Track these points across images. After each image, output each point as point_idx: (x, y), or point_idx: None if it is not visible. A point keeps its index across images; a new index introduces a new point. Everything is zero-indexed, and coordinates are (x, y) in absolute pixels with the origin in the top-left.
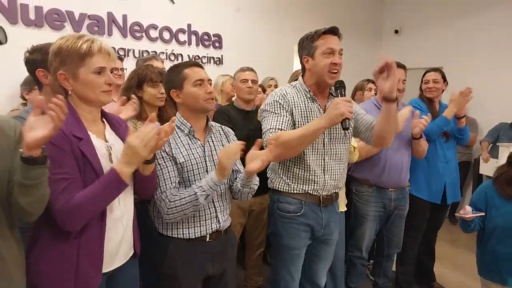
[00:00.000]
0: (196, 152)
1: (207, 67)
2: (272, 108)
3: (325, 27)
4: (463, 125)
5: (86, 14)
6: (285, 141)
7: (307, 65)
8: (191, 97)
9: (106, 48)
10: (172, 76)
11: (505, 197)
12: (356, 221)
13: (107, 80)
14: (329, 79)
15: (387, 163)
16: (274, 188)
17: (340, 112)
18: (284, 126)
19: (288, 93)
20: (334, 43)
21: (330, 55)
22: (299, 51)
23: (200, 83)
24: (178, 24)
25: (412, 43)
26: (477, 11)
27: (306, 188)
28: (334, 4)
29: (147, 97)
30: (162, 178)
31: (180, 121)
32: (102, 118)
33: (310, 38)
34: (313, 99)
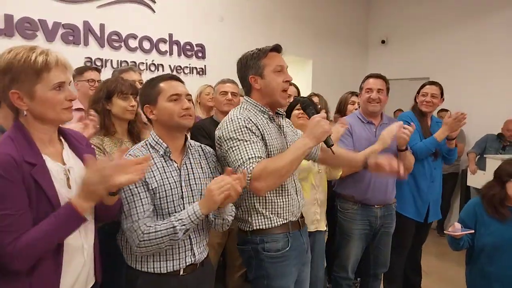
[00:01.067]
0: (171, 176)
1: (189, 78)
2: (239, 135)
3: (268, 46)
4: (453, 146)
5: (60, 23)
6: (275, 170)
7: (256, 85)
8: (166, 113)
9: (62, 60)
10: (146, 90)
11: (499, 219)
12: (341, 240)
13: (68, 96)
14: (282, 99)
15: (372, 178)
16: (254, 229)
17: (325, 129)
18: (262, 153)
19: (251, 117)
20: (282, 60)
21: (281, 73)
22: (242, 70)
23: (176, 98)
24: (159, 33)
25: (398, 53)
26: (464, 23)
27: (288, 216)
28: (320, 15)
29: (116, 110)
30: (134, 206)
31: (155, 140)
32: (60, 137)
33: (255, 57)
34: (271, 118)
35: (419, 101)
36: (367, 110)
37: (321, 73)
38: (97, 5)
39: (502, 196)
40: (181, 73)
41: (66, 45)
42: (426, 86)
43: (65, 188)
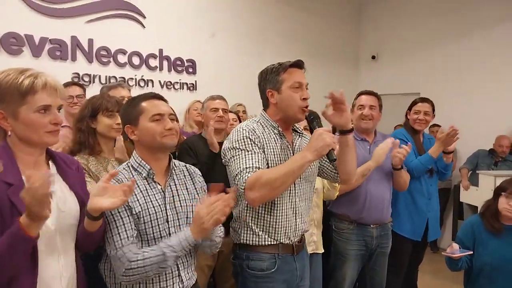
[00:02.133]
0: (155, 199)
1: (180, 93)
2: (241, 145)
3: (290, 60)
4: (450, 160)
5: (47, 38)
6: (269, 181)
7: (272, 99)
8: (148, 134)
9: (52, 84)
10: (127, 110)
11: (493, 232)
12: (336, 260)
13: (53, 120)
14: (300, 114)
15: (367, 197)
16: (241, 243)
17: (327, 143)
18: (261, 164)
19: (256, 129)
20: (301, 76)
21: (299, 89)
22: (261, 84)
23: (159, 118)
24: (149, 49)
25: (388, 69)
26: (454, 39)
27: (279, 237)
28: (312, 30)
29: (101, 128)
30: (117, 232)
31: (137, 162)
32: (49, 160)
33: (275, 71)
34: (281, 135)
35: (412, 119)
36: (360, 127)
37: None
38: (85, 20)
39: (494, 208)
40: (171, 88)
41: (53, 60)
42: (418, 103)
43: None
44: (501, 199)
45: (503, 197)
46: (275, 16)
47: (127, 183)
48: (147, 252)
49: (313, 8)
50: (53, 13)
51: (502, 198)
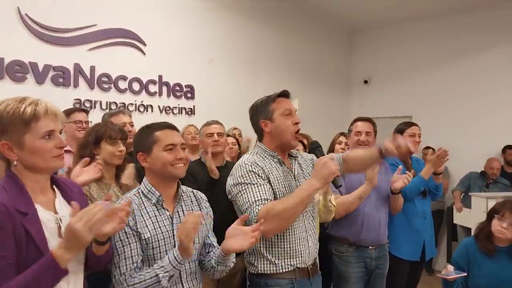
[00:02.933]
0: (164, 225)
1: (178, 118)
2: (246, 179)
3: (276, 92)
4: (440, 181)
5: (51, 65)
6: (280, 212)
7: (267, 128)
8: (159, 162)
9: (53, 109)
10: (141, 138)
11: (487, 253)
12: (339, 283)
13: (58, 144)
14: (294, 140)
15: (365, 219)
16: (259, 273)
17: (332, 170)
18: (269, 195)
19: (258, 161)
20: (290, 104)
21: (289, 116)
22: (254, 117)
23: (172, 147)
24: (148, 75)
25: (380, 93)
26: (443, 64)
27: (295, 262)
28: (305, 56)
29: (104, 154)
30: (123, 257)
31: (147, 189)
32: (53, 186)
33: (264, 103)
34: (281, 162)
35: None
36: None
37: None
38: (88, 48)
39: (487, 230)
40: (170, 113)
41: (56, 87)
42: (412, 127)
43: (55, 237)
44: (494, 221)
45: (496, 219)
46: (270, 42)
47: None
48: (142, 275)
49: (306, 35)
50: (57, 41)
51: (495, 220)
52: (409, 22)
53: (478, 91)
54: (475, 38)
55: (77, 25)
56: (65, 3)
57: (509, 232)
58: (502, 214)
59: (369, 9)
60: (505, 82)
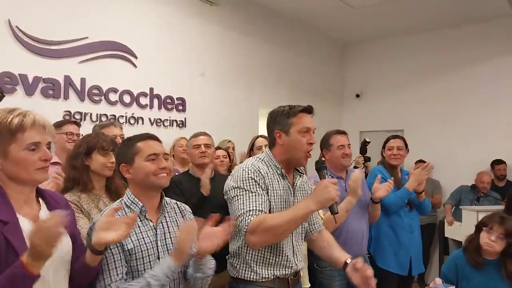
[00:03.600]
0: (147, 236)
1: (169, 130)
2: (246, 185)
3: (301, 105)
4: (422, 199)
5: (41, 77)
6: (272, 227)
7: (280, 140)
8: (142, 172)
9: (40, 121)
10: (123, 149)
11: (475, 266)
12: None
13: (42, 156)
14: (304, 160)
15: (348, 232)
16: (239, 277)
17: (331, 196)
18: (264, 207)
19: (262, 169)
20: (310, 122)
21: (306, 134)
22: (270, 124)
23: (154, 158)
24: (139, 87)
25: (372, 107)
26: (435, 77)
27: (277, 273)
28: (297, 70)
29: (95, 166)
30: (107, 268)
31: (130, 200)
32: (38, 198)
33: (285, 114)
34: (284, 176)
35: (387, 156)
36: (341, 165)
37: None
38: (79, 60)
39: (476, 243)
40: (161, 125)
41: (46, 98)
42: (390, 140)
43: None
44: (482, 233)
45: (484, 232)
46: (262, 55)
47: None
48: (132, 285)
49: (299, 48)
50: (48, 54)
51: (483, 233)
52: (401, 36)
53: (469, 104)
54: (466, 52)
55: (68, 37)
56: (57, 16)
57: (497, 245)
58: (491, 227)
59: (361, 24)
60: (496, 96)
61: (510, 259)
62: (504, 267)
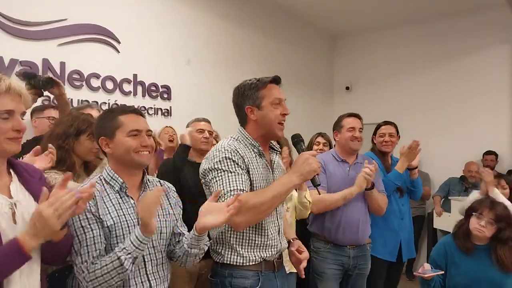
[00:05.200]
0: (128, 213)
1: (154, 119)
2: (224, 166)
3: (268, 77)
4: (416, 176)
5: (17, 60)
6: (255, 205)
7: (252, 116)
8: (122, 148)
9: (16, 88)
10: (104, 122)
11: (464, 251)
12: (313, 280)
13: (16, 126)
14: (279, 131)
15: (342, 219)
16: (225, 263)
17: (313, 168)
18: (245, 186)
19: (239, 149)
20: (281, 92)
21: (278, 105)
22: (239, 100)
23: (136, 133)
24: (122, 74)
25: (362, 99)
26: (427, 68)
27: (264, 255)
28: (287, 60)
29: (81, 149)
30: (85, 244)
31: (110, 175)
32: (9, 169)
33: (254, 87)
34: (261, 154)
35: (378, 142)
36: (349, 149)
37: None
38: (58, 43)
39: (465, 228)
40: (146, 114)
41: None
42: (382, 126)
43: (9, 223)
44: (472, 219)
45: (474, 217)
46: (250, 46)
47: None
48: (103, 260)
49: (287, 39)
50: (25, 35)
51: (473, 219)
52: (390, 28)
53: (459, 96)
54: (456, 44)
55: (46, 19)
56: None
57: (487, 230)
58: (480, 212)
59: (352, 15)
60: (486, 88)
61: (500, 244)
62: (494, 252)
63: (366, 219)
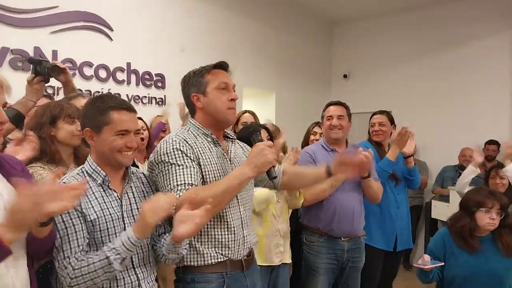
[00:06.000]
0: (111, 206)
1: (148, 108)
2: (172, 158)
3: (213, 63)
4: (412, 165)
5: (8, 48)
6: (204, 200)
7: (199, 103)
8: (106, 146)
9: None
10: (93, 112)
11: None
12: (306, 274)
13: None
14: (229, 116)
15: (337, 208)
16: (184, 265)
17: (269, 160)
18: (194, 180)
19: (188, 139)
20: (227, 78)
21: (225, 91)
22: (185, 89)
23: (124, 133)
24: (116, 62)
25: (360, 87)
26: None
27: (227, 252)
28: (283, 48)
29: (62, 135)
30: (67, 239)
31: (92, 168)
32: None
33: (198, 74)
34: (215, 142)
35: (371, 133)
36: (330, 138)
37: (284, 106)
38: (50, 31)
39: (472, 226)
40: (139, 103)
41: (15, 71)
42: (374, 116)
43: None
44: (479, 214)
45: (482, 212)
46: (246, 32)
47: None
48: (91, 258)
49: (285, 26)
50: (16, 23)
51: (481, 214)
52: (390, 14)
53: (460, 85)
54: (456, 31)
55: (38, 6)
56: None
57: (497, 221)
58: (489, 206)
59: (350, 2)
60: (487, 76)
61: (504, 229)
62: (500, 239)
63: (361, 209)
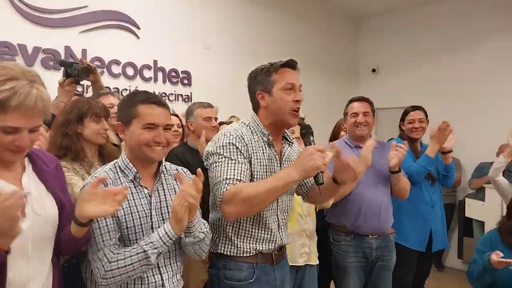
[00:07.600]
0: (140, 203)
1: (175, 105)
2: (226, 152)
3: (282, 60)
4: (450, 160)
5: (40, 47)
6: (248, 197)
7: (263, 102)
8: (134, 139)
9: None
10: (124, 107)
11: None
12: (337, 274)
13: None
14: (292, 118)
15: (363, 205)
16: (219, 252)
17: (317, 165)
18: (243, 176)
19: (245, 136)
20: (294, 77)
21: (291, 91)
22: (251, 85)
23: (151, 127)
24: (143, 60)
25: (389, 82)
26: (454, 50)
27: (259, 247)
28: (310, 43)
29: (88, 133)
30: (99, 232)
31: (124, 164)
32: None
33: (265, 72)
34: (270, 144)
35: (407, 129)
36: (355, 134)
37: (311, 101)
38: (79, 30)
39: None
40: (166, 99)
41: (46, 70)
42: (411, 112)
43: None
44: None
45: None
46: (271, 29)
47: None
48: (128, 251)
49: (311, 21)
50: (47, 23)
51: None
52: (418, 7)
53: (491, 78)
54: (488, 22)
55: (67, 6)
56: None
57: None
58: None
59: None
60: None
61: None
62: None
63: (389, 205)
